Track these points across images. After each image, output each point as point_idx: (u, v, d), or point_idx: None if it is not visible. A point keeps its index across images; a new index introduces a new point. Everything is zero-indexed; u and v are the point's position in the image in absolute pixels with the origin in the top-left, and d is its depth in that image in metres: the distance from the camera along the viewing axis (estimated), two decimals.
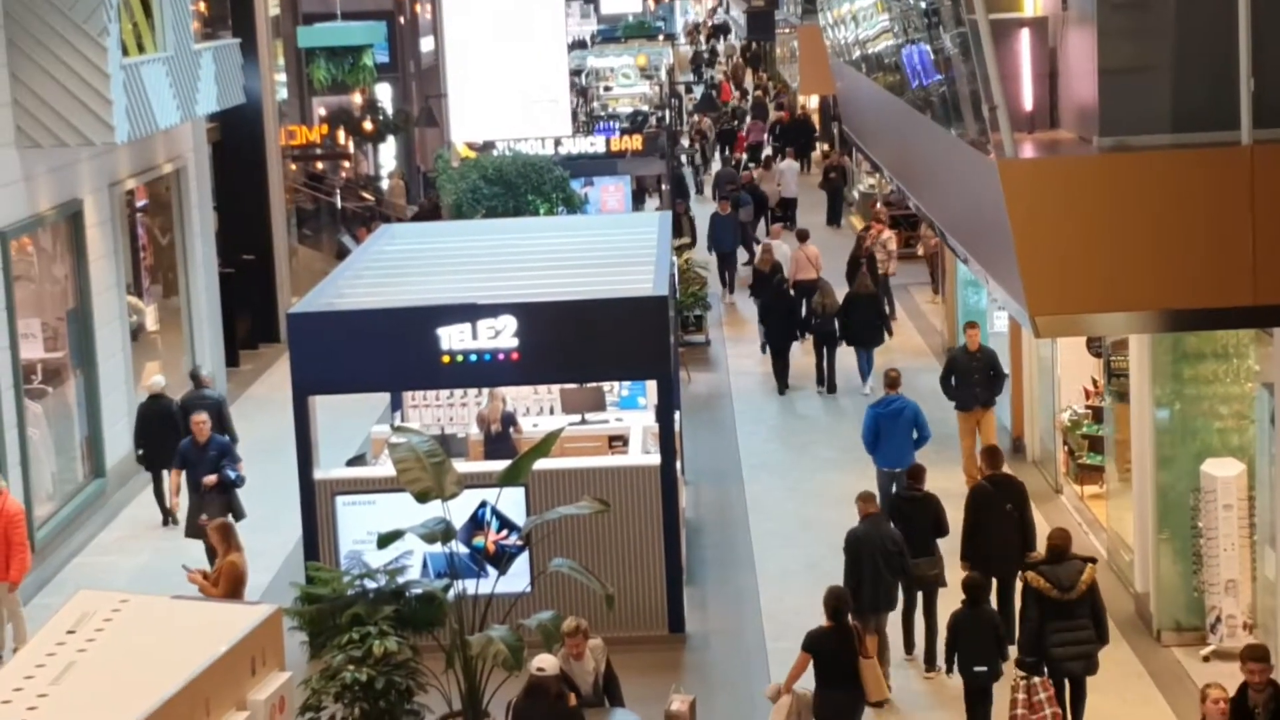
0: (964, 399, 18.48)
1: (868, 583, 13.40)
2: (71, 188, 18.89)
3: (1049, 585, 12.40)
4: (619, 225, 21.04)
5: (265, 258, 26.84)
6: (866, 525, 13.69)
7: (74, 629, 10.03)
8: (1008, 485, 14.26)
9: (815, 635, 12.32)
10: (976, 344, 18.50)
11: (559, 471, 14.71)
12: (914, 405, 17.02)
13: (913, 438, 16.87)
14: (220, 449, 16.62)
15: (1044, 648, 12.41)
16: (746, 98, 56.32)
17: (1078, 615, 12.43)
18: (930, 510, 14.22)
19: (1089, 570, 12.51)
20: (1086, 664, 12.58)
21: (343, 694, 11.86)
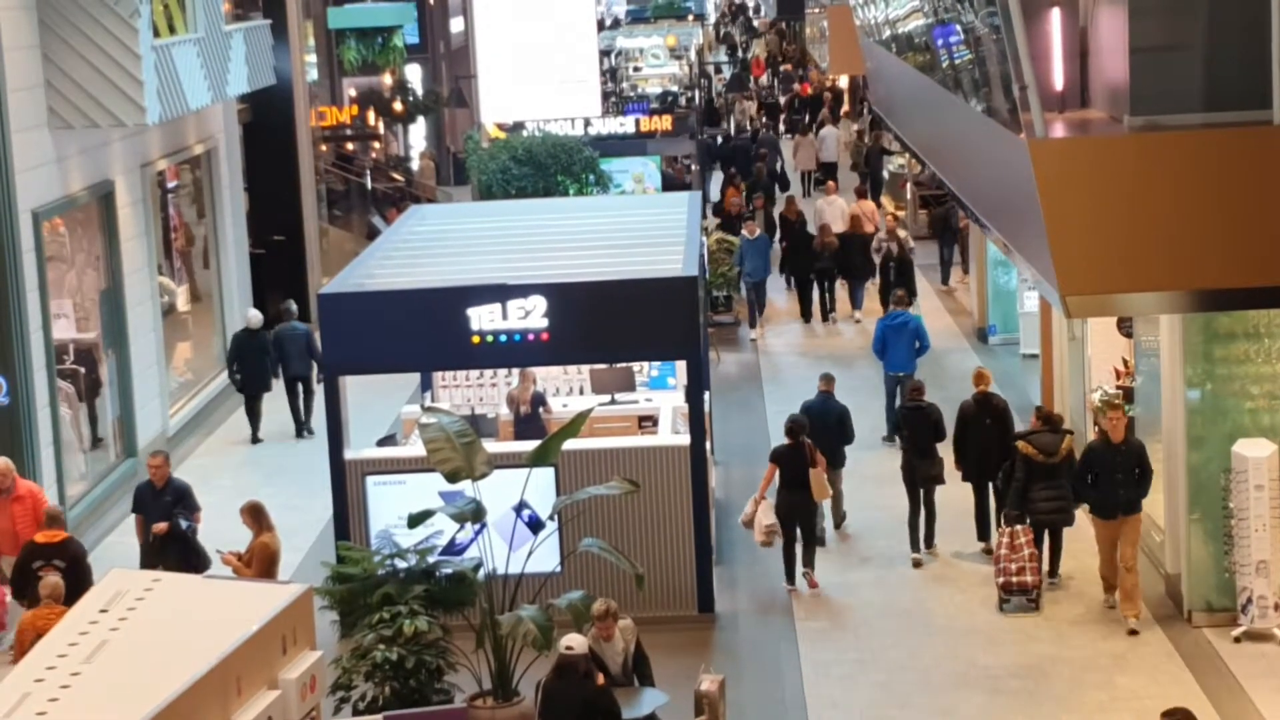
0: (1105, 503, 14.47)
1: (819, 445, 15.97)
2: (103, 169, 18.96)
3: (1035, 451, 15.00)
4: (649, 205, 21.03)
5: (296, 238, 26.89)
6: (820, 399, 16.92)
7: (106, 608, 10.10)
8: (988, 403, 16.20)
9: (779, 450, 15.67)
10: (1121, 434, 14.46)
11: (589, 452, 14.73)
12: (916, 319, 19.88)
13: (914, 347, 19.48)
14: (177, 494, 14.82)
15: (1027, 503, 14.98)
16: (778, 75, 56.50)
17: (1058, 477, 14.99)
18: (930, 419, 16.30)
19: (1068, 439, 15.11)
20: (1064, 516, 15.19)
21: (373, 673, 11.91)
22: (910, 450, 16.37)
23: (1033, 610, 14.77)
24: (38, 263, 16.92)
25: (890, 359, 19.61)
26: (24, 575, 13.70)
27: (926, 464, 16.23)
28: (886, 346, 19.61)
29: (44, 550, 13.71)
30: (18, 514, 14.40)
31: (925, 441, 16.25)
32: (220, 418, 22.16)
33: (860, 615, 14.92)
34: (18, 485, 14.54)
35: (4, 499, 14.45)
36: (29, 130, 16.87)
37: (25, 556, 13.80)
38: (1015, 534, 14.85)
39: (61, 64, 17.51)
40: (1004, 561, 14.83)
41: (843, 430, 16.89)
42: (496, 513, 12.79)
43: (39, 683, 9.11)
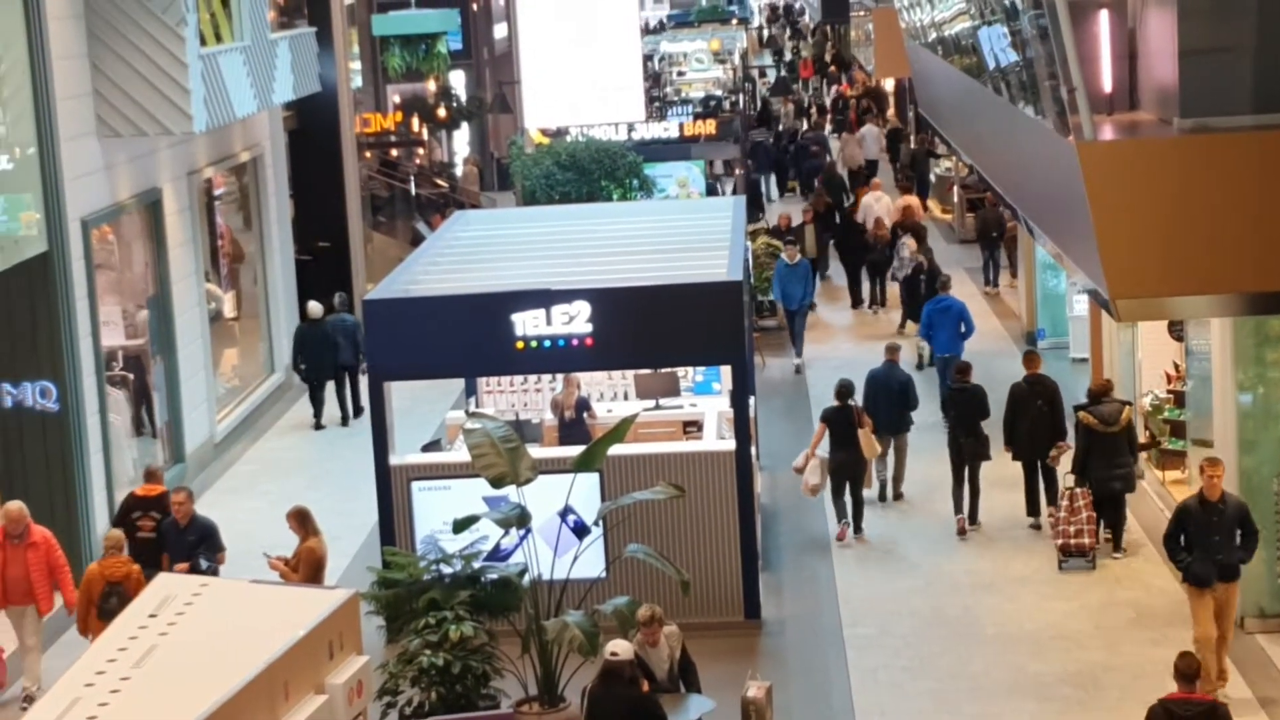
0: (1201, 570, 13.04)
1: (882, 410, 17.44)
2: (151, 176, 19.06)
3: (1095, 420, 15.65)
4: (693, 210, 21.00)
5: (341, 245, 26.97)
6: (885, 368, 17.97)
7: (155, 613, 10.14)
8: (1041, 385, 16.73)
9: (828, 411, 16.87)
10: (1218, 490, 13.06)
11: (633, 457, 14.71)
12: (960, 304, 21.06)
13: (960, 330, 20.61)
14: (201, 533, 14.38)
15: (1089, 470, 15.68)
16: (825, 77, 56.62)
17: (1118, 445, 15.71)
18: (975, 399, 17.00)
19: (1127, 410, 15.84)
20: (1124, 483, 15.84)
21: (420, 678, 11.91)
22: (956, 429, 17.10)
23: (1089, 569, 15.55)
24: (86, 270, 17.02)
25: (937, 341, 20.87)
26: (124, 525, 14.72)
27: (972, 442, 16.92)
28: (933, 330, 20.88)
29: (142, 502, 14.94)
30: (32, 561, 13.79)
31: (971, 421, 16.93)
32: (266, 423, 22.25)
33: (908, 623, 14.84)
34: (32, 531, 13.87)
35: (18, 545, 13.81)
36: (78, 139, 16.97)
37: (125, 508, 15.08)
38: (1075, 496, 15.63)
39: (110, 73, 17.61)
40: (1063, 524, 15.63)
41: (905, 397, 17.82)
42: (541, 518, 12.77)
43: (89, 687, 9.15)
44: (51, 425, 16.17)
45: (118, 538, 13.93)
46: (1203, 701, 10.60)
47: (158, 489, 15.06)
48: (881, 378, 18.00)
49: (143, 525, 14.70)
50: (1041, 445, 16.63)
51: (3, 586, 13.80)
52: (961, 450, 16.97)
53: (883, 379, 17.97)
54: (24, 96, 15.65)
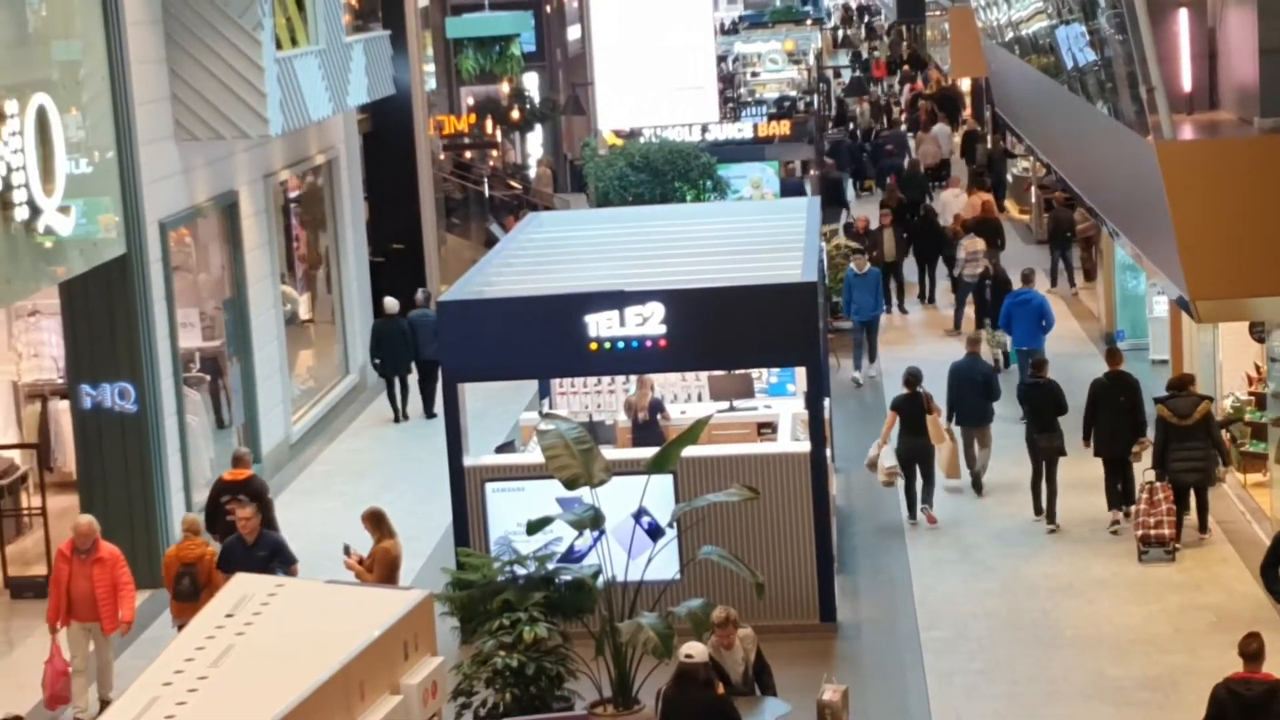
0: None
1: (965, 401, 17.88)
2: (227, 179, 19.21)
3: (1170, 412, 15.85)
4: (768, 211, 20.94)
5: (415, 247, 27.10)
6: (967, 360, 18.27)
7: (232, 612, 10.20)
8: (1123, 381, 16.79)
9: (898, 399, 17.37)
10: None
11: (708, 459, 14.67)
12: (1041, 297, 21.37)
13: (1040, 323, 20.90)
14: (271, 549, 14.08)
15: (1166, 463, 15.84)
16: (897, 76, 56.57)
17: (1194, 438, 15.83)
18: (1051, 394, 17.08)
19: (1204, 404, 15.97)
20: (1201, 476, 16.00)
21: (494, 679, 11.93)
22: (1031, 425, 17.21)
23: (1169, 561, 15.66)
24: (164, 272, 17.17)
25: (1016, 334, 21.16)
26: (214, 509, 15.13)
27: (1047, 437, 16.95)
28: (1013, 323, 21.16)
29: (230, 486, 15.26)
30: (98, 577, 13.52)
31: (1046, 416, 16.99)
32: (341, 425, 22.38)
33: (985, 626, 14.73)
34: (99, 547, 13.62)
35: (84, 560, 13.55)
36: (156, 142, 17.12)
37: (215, 493, 15.38)
38: (1155, 490, 15.79)
39: (187, 77, 17.76)
40: (1143, 515, 15.79)
41: (988, 389, 18.09)
42: (615, 520, 12.77)
43: (167, 686, 9.22)
44: (130, 426, 16.31)
45: (194, 521, 14.32)
46: (1265, 681, 10.55)
47: (245, 473, 15.46)
48: (964, 370, 18.26)
49: (232, 509, 14.90)
50: (1124, 441, 16.67)
51: (68, 602, 13.54)
52: (1037, 446, 17.04)
53: (965, 371, 18.23)
54: (103, 101, 15.80)
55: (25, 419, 18.74)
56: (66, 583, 13.49)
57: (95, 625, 13.62)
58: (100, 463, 16.37)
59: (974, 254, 25.39)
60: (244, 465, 15.67)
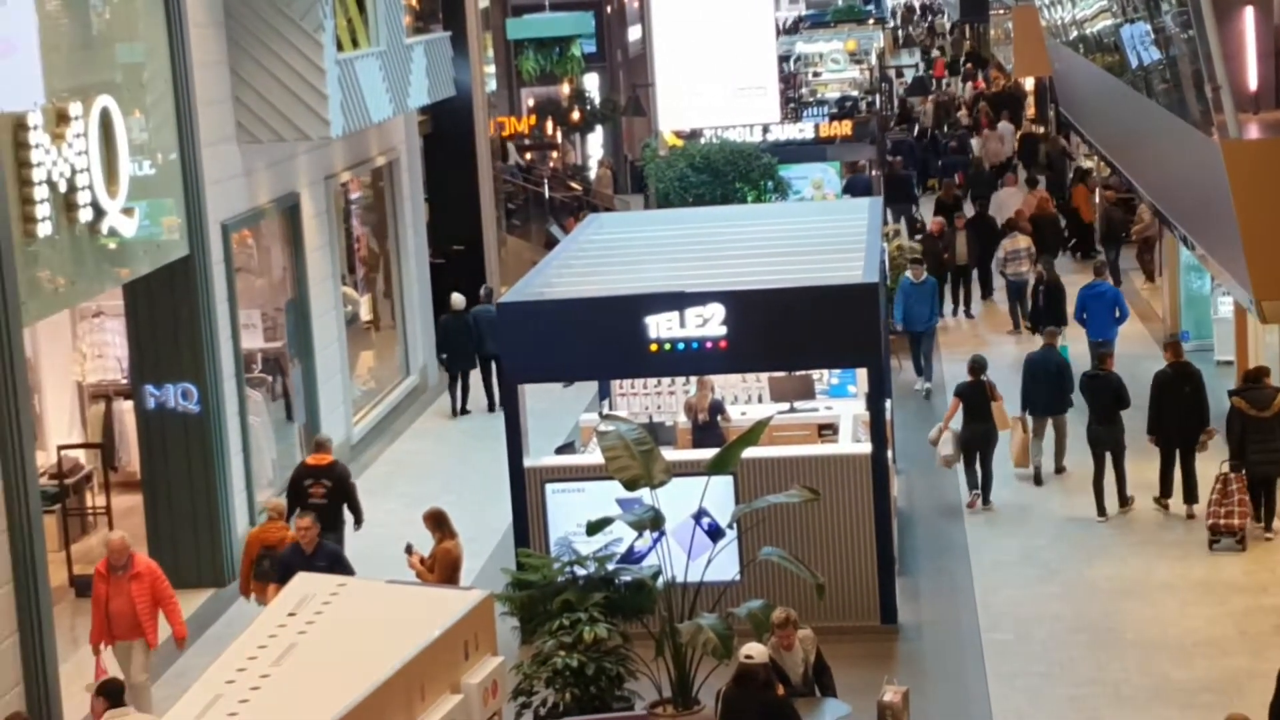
0: None
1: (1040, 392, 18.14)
2: (289, 181, 19.31)
3: (1248, 405, 15.91)
4: (828, 212, 20.88)
5: (475, 248, 27.17)
6: (1043, 351, 18.47)
7: (294, 611, 10.26)
8: (1186, 371, 16.90)
9: (961, 386, 17.72)
10: None
11: (768, 460, 14.63)
12: (1114, 289, 21.77)
13: (1114, 315, 21.14)
14: (330, 560, 13.85)
15: (1244, 455, 15.89)
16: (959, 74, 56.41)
17: (1271, 431, 15.88)
18: (1112, 386, 17.18)
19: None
20: (1277, 468, 16.04)
21: (554, 679, 11.94)
22: (1092, 417, 17.30)
23: (1239, 550, 15.76)
24: (226, 273, 17.28)
25: (1091, 326, 21.27)
26: (296, 492, 15.39)
27: (1108, 430, 17.09)
28: (1088, 314, 21.28)
29: (313, 471, 15.55)
30: (135, 593, 13.14)
31: (1107, 409, 17.12)
32: (402, 426, 22.46)
33: (1048, 628, 14.63)
34: (135, 562, 13.25)
35: (120, 576, 13.17)
36: (218, 144, 17.23)
37: (297, 476, 15.65)
38: (1229, 480, 15.87)
39: (249, 79, 17.86)
40: (1214, 505, 15.89)
41: (1063, 380, 18.22)
42: (675, 521, 12.76)
43: (230, 684, 9.28)
44: (193, 426, 16.42)
45: (279, 505, 14.72)
46: None
47: (327, 458, 15.72)
48: (1039, 361, 18.39)
49: (314, 492, 15.37)
50: (1190, 431, 16.74)
51: (106, 621, 13.15)
52: (1098, 439, 17.13)
53: (1040, 362, 18.36)
54: (166, 103, 15.92)
55: (90, 419, 18.90)
56: (105, 601, 13.15)
57: (139, 643, 13.17)
58: (163, 462, 16.48)
59: (1015, 253, 25.29)
60: (325, 450, 15.88)
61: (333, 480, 15.51)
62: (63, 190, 13.63)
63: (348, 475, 15.94)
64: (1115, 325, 21.30)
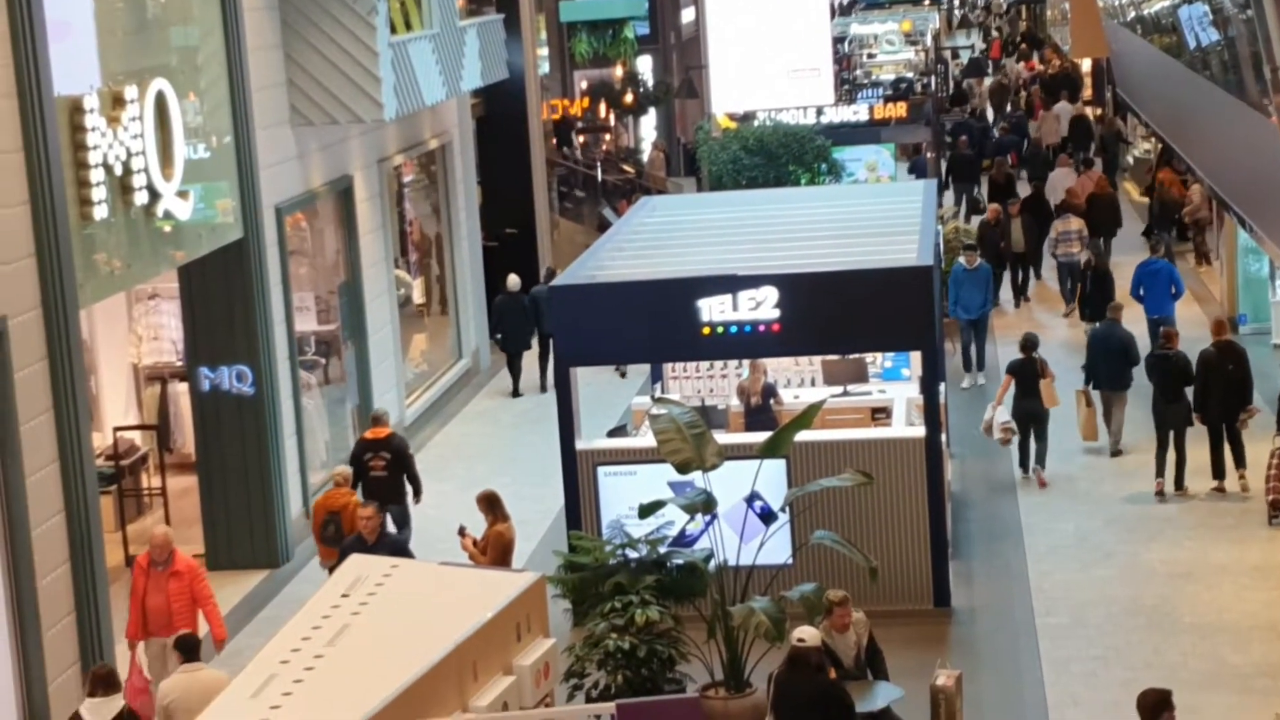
0: None
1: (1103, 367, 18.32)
2: (342, 164, 19.36)
3: None
4: (882, 195, 20.78)
5: (527, 231, 27.19)
6: (1106, 326, 18.66)
7: (348, 593, 10.29)
8: (1230, 349, 16.97)
9: (1014, 363, 17.91)
10: None
11: (821, 443, 14.58)
12: (1170, 265, 21.83)
13: (1170, 291, 21.33)
14: (391, 549, 13.38)
15: None
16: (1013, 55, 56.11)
17: None
18: (1178, 365, 17.11)
19: None
20: None
21: (606, 661, 11.95)
22: (1158, 395, 17.24)
23: None
24: (280, 256, 17.34)
25: (1148, 303, 21.36)
26: (356, 466, 15.68)
27: (1174, 408, 17.08)
28: (1144, 291, 21.37)
29: (372, 444, 15.86)
30: (174, 591, 12.81)
31: (1172, 387, 17.11)
32: (454, 409, 22.51)
33: (1103, 611, 14.54)
34: (176, 559, 12.94)
35: (161, 572, 12.87)
36: (272, 127, 17.30)
37: (357, 451, 15.97)
38: None
39: (303, 62, 17.91)
40: (1273, 480, 15.97)
41: (1126, 355, 18.34)
42: (727, 504, 12.74)
43: (284, 664, 9.32)
44: (247, 408, 16.50)
45: (346, 473, 15.13)
46: None
47: (385, 431, 15.97)
48: (1102, 336, 18.64)
49: (374, 465, 15.66)
50: (1233, 409, 16.83)
51: (142, 616, 12.84)
52: (1164, 417, 17.13)
53: (1104, 337, 18.57)
54: (221, 86, 15.98)
55: (145, 401, 19.03)
56: (143, 596, 12.87)
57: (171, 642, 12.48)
58: (218, 444, 16.58)
59: (1066, 234, 25.11)
60: (383, 424, 16.09)
61: (392, 453, 15.82)
62: (118, 173, 13.72)
63: (406, 447, 16.19)
64: (1171, 301, 21.36)
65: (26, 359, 12.52)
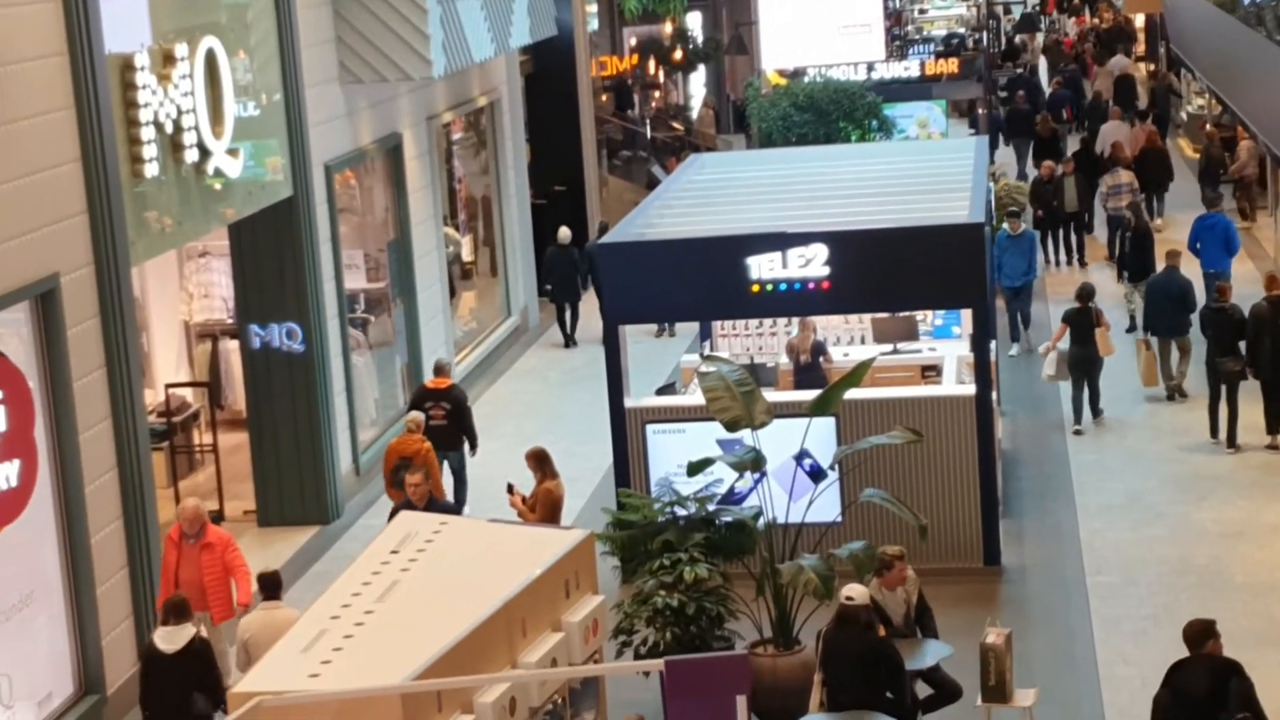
0: None
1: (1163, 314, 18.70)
2: (391, 121, 19.36)
3: None
4: (933, 151, 20.64)
5: (576, 189, 27.14)
6: (1165, 274, 18.96)
7: (397, 549, 10.32)
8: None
9: (1070, 311, 18.13)
10: None
11: (870, 401, 14.53)
12: (1226, 220, 21.89)
13: (1226, 246, 21.33)
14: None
15: None
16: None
17: None
18: (1233, 320, 17.34)
19: None
20: None
21: (654, 618, 11.96)
22: (1213, 349, 17.45)
23: None
24: (330, 214, 17.37)
25: (1204, 257, 21.37)
26: (415, 409, 15.96)
27: (1228, 361, 17.22)
28: (1200, 245, 21.42)
29: (432, 394, 16.33)
30: (206, 563, 12.61)
31: (1227, 341, 17.30)
32: (503, 366, 22.55)
33: (1154, 571, 14.46)
34: (208, 531, 12.73)
35: (193, 545, 12.66)
36: (321, 85, 17.30)
37: (417, 399, 16.39)
38: None
39: (352, 19, 17.89)
40: None
41: (1185, 302, 18.65)
42: (776, 462, 12.71)
43: (334, 620, 9.36)
44: (297, 366, 16.56)
45: (419, 419, 15.40)
46: None
47: (446, 382, 16.41)
48: (1162, 283, 18.89)
49: (434, 414, 15.98)
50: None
51: (175, 590, 12.36)
52: (1218, 371, 17.23)
53: (1163, 284, 18.84)
54: (270, 44, 15.98)
55: (196, 358, 19.13)
56: (175, 569, 12.65)
57: (205, 615, 12.54)
58: (268, 401, 16.66)
59: (1116, 188, 24.93)
60: (444, 374, 16.47)
61: (451, 403, 16.18)
62: (169, 131, 13.75)
63: (465, 399, 16.51)
64: (1228, 256, 21.34)
65: (79, 316, 12.59)
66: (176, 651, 11.06)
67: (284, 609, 11.69)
